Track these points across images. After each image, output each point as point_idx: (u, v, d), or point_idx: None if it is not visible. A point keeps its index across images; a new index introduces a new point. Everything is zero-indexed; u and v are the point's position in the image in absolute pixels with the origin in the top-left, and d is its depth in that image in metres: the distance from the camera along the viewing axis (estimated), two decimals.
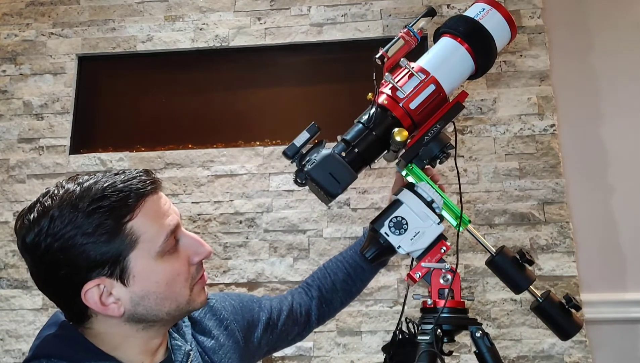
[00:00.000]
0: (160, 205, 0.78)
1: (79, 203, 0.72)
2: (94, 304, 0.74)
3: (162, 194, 0.81)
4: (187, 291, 0.80)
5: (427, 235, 0.95)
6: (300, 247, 2.10)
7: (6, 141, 2.29)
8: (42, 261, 0.74)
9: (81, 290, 0.73)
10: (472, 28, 0.99)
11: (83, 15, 2.41)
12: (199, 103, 2.34)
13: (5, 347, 2.09)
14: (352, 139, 0.96)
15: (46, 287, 0.77)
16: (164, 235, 0.76)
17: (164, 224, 0.77)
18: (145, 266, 0.75)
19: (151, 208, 0.77)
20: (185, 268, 0.79)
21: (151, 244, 0.75)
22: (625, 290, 2.11)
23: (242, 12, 2.36)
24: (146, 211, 0.76)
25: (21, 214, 0.76)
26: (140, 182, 0.77)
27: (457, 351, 1.94)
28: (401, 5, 2.30)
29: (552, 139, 2.13)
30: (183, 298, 0.80)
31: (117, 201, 0.74)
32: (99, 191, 0.73)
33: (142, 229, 0.75)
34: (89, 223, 0.72)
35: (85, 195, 0.73)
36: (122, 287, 0.75)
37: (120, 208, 0.74)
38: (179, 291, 0.79)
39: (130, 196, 0.75)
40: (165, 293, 0.77)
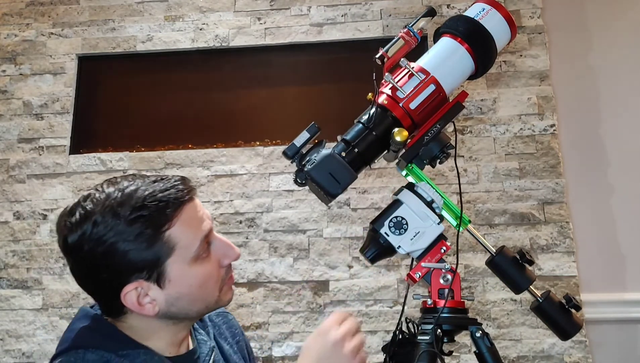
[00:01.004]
0: (196, 212, 0.82)
1: (120, 210, 0.76)
2: (131, 305, 0.78)
3: (197, 201, 0.84)
4: (217, 292, 0.84)
5: (427, 235, 0.95)
6: (300, 247, 2.10)
7: (6, 141, 2.29)
8: (84, 263, 0.78)
9: (120, 291, 0.77)
10: (472, 28, 0.99)
11: (83, 15, 2.41)
12: (199, 103, 2.34)
13: (5, 347, 2.09)
14: (352, 139, 0.96)
15: (85, 285, 0.82)
16: (199, 242, 0.80)
17: (199, 231, 0.81)
18: (180, 271, 0.79)
19: (187, 216, 0.80)
20: (216, 271, 0.83)
21: (187, 250, 0.79)
22: (625, 290, 2.11)
23: (242, 12, 2.36)
24: (183, 220, 0.79)
25: (62, 215, 0.80)
26: (177, 191, 0.80)
27: (457, 351, 1.94)
28: (401, 5, 2.30)
29: (552, 139, 2.13)
30: (212, 298, 0.84)
31: (156, 211, 0.77)
32: (139, 200, 0.77)
33: (179, 237, 0.78)
34: (130, 231, 0.75)
35: (126, 203, 0.76)
36: (158, 289, 0.79)
37: (159, 218, 0.77)
38: (209, 293, 0.83)
39: (168, 206, 0.78)
40: (196, 295, 0.82)
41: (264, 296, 2.07)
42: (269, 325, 2.04)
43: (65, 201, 2.20)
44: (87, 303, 0.88)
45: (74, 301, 2.11)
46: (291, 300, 2.06)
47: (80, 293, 2.11)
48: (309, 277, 2.07)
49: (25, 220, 2.20)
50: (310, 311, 2.05)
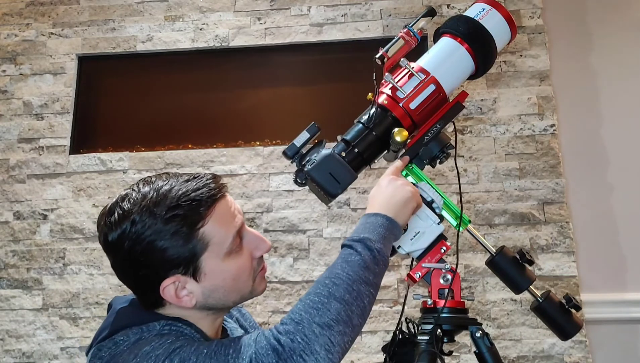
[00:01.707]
0: (228, 208, 0.85)
1: (157, 209, 0.80)
2: (170, 298, 0.82)
3: (229, 197, 0.87)
4: (251, 282, 0.87)
5: (427, 235, 0.95)
6: (300, 247, 2.10)
7: (6, 141, 2.29)
8: (124, 260, 0.82)
9: (159, 285, 0.81)
10: (472, 28, 0.99)
11: (83, 15, 2.41)
12: (198, 103, 2.34)
13: (5, 347, 2.09)
14: (352, 139, 0.96)
15: (126, 280, 0.85)
16: (231, 237, 0.83)
17: (231, 226, 0.84)
18: (215, 265, 0.83)
19: (220, 213, 0.83)
20: (249, 263, 0.86)
21: (220, 246, 0.82)
22: (625, 290, 2.11)
23: (242, 12, 2.36)
24: (215, 217, 0.82)
25: (102, 214, 0.85)
26: (210, 190, 0.83)
27: (457, 351, 1.94)
28: (401, 5, 2.30)
29: (552, 139, 2.13)
30: (247, 289, 0.87)
31: (190, 210, 0.81)
32: (174, 200, 0.81)
33: (213, 233, 0.82)
34: (167, 230, 0.79)
35: (161, 202, 0.80)
36: (194, 283, 0.82)
37: (193, 216, 0.81)
38: (243, 284, 0.86)
39: (201, 205, 0.81)
40: (231, 287, 0.85)
41: (264, 296, 2.07)
42: (269, 325, 2.04)
43: (65, 201, 2.21)
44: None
45: (74, 301, 2.11)
46: (291, 300, 2.06)
47: (80, 293, 2.11)
48: (309, 277, 2.07)
49: (25, 220, 2.20)
50: None
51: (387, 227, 0.86)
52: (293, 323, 0.72)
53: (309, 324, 0.71)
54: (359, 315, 0.76)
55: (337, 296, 0.74)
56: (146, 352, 0.74)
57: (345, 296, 0.75)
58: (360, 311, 0.76)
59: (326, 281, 0.77)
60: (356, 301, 0.76)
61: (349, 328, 0.75)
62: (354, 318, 0.75)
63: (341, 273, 0.78)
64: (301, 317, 0.72)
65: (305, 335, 0.71)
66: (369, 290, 0.79)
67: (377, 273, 0.82)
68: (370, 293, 0.79)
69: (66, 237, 2.17)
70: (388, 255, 0.85)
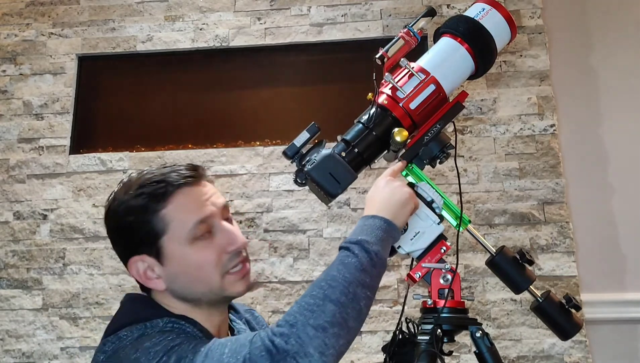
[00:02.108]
0: (197, 196, 0.87)
1: (130, 189, 0.87)
2: (136, 275, 0.87)
3: (206, 188, 0.89)
4: (218, 278, 0.86)
5: (427, 235, 0.95)
6: (300, 247, 2.10)
7: (6, 141, 2.29)
8: (110, 236, 0.91)
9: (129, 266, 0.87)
10: (472, 28, 0.99)
11: (83, 15, 2.41)
12: (198, 103, 2.34)
13: (5, 347, 2.09)
14: (352, 139, 0.96)
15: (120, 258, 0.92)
16: (192, 224, 0.85)
17: (194, 214, 0.85)
18: (176, 249, 0.85)
19: (185, 198, 0.86)
20: (214, 256, 0.86)
21: (181, 230, 0.85)
22: (625, 290, 2.11)
23: (242, 12, 2.36)
24: (179, 201, 0.86)
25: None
26: (179, 176, 0.87)
27: (457, 351, 1.94)
28: (401, 5, 2.30)
29: (552, 139, 2.13)
30: (215, 284, 0.86)
31: (155, 190, 0.86)
32: (145, 181, 0.87)
33: (173, 216, 0.85)
34: (133, 207, 0.85)
35: (135, 183, 0.87)
36: (160, 266, 0.86)
37: (157, 196, 0.85)
38: (208, 277, 0.86)
39: (167, 187, 0.86)
40: (194, 276, 0.86)
41: (264, 297, 2.07)
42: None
43: (65, 201, 2.20)
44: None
45: (74, 301, 2.11)
46: (291, 300, 2.06)
47: (80, 293, 2.11)
48: (309, 277, 2.07)
49: (25, 220, 2.20)
50: None
51: (385, 229, 0.85)
52: (288, 325, 0.72)
53: (303, 326, 0.71)
54: (355, 317, 0.76)
55: (333, 299, 0.74)
56: (146, 348, 0.76)
57: (341, 299, 0.74)
58: (356, 314, 0.76)
59: (322, 284, 0.76)
60: (352, 303, 0.75)
61: (344, 330, 0.74)
62: (350, 320, 0.75)
63: (337, 275, 0.77)
64: (296, 319, 0.72)
65: (299, 337, 0.71)
66: (365, 292, 0.78)
67: (374, 276, 0.81)
68: (366, 295, 0.78)
69: (66, 237, 2.17)
70: (386, 257, 0.84)
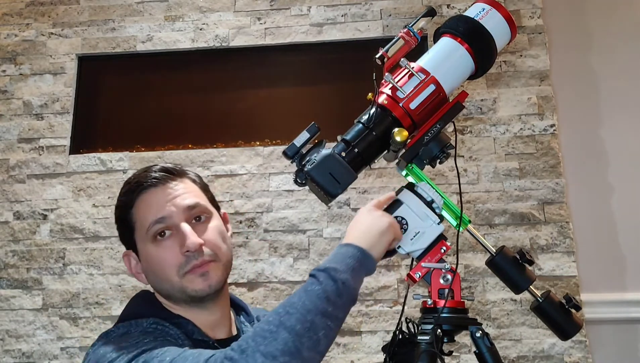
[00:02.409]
0: (159, 197, 0.92)
1: (123, 187, 0.96)
2: (128, 268, 0.96)
3: (171, 189, 0.93)
4: (176, 277, 0.89)
5: (427, 235, 0.95)
6: (300, 247, 2.10)
7: (6, 141, 2.29)
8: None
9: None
10: (472, 28, 0.99)
11: (83, 15, 2.41)
12: (199, 103, 2.34)
13: (5, 347, 2.09)
14: (352, 139, 0.96)
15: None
16: (148, 223, 0.90)
17: (152, 214, 0.90)
18: (143, 247, 0.92)
19: (147, 199, 0.92)
20: (172, 256, 0.89)
21: (142, 229, 0.91)
22: (625, 290, 2.11)
23: (242, 12, 2.36)
24: (142, 202, 0.92)
25: None
26: (145, 178, 0.93)
27: (457, 351, 1.94)
28: (401, 5, 2.30)
29: (552, 139, 2.13)
30: (175, 283, 0.90)
31: (127, 192, 0.94)
32: (127, 181, 0.96)
33: (138, 215, 0.92)
34: (118, 204, 0.95)
35: (125, 182, 0.97)
36: (139, 262, 0.94)
37: (128, 198, 0.94)
38: (167, 276, 0.90)
39: (133, 188, 0.93)
40: (157, 273, 0.91)
41: (264, 297, 2.07)
42: None
43: (65, 201, 2.21)
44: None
45: (74, 301, 2.11)
46: None
47: (80, 293, 2.11)
48: None
49: (25, 220, 2.20)
50: None
51: (357, 258, 0.82)
52: (239, 350, 0.71)
53: (253, 353, 0.69)
54: (311, 347, 0.72)
55: (287, 326, 0.71)
56: (123, 347, 0.79)
57: (296, 327, 0.71)
58: (312, 343, 0.72)
59: (280, 310, 0.74)
60: (308, 332, 0.72)
61: (297, 360, 0.70)
62: (304, 350, 0.71)
63: (297, 302, 0.74)
64: (247, 345, 0.71)
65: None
66: (326, 322, 0.74)
67: (339, 306, 0.77)
68: (327, 325, 0.74)
69: (66, 237, 2.17)
70: (355, 287, 0.80)
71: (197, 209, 0.93)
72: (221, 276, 0.92)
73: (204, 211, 0.94)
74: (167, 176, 0.94)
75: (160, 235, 0.90)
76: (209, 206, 0.97)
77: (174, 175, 0.95)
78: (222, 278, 0.93)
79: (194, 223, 0.92)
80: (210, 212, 0.96)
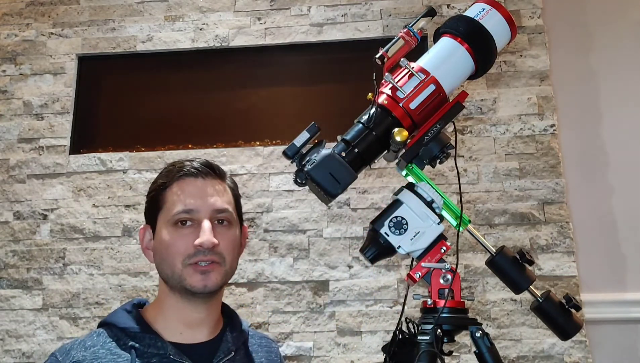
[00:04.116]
0: (194, 189, 0.97)
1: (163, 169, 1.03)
2: (140, 241, 1.01)
3: (206, 185, 0.98)
4: (180, 266, 0.93)
5: (427, 235, 0.95)
6: (300, 247, 2.10)
7: (6, 141, 2.29)
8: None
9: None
10: (472, 28, 0.99)
11: (83, 15, 2.41)
12: (199, 103, 2.34)
13: (5, 347, 2.09)
14: (352, 139, 0.96)
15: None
16: (176, 209, 0.94)
17: (182, 203, 0.95)
18: (162, 227, 0.96)
19: (183, 186, 0.97)
20: (184, 245, 0.93)
21: (168, 212, 0.96)
22: (625, 290, 2.11)
23: (242, 12, 2.36)
24: (178, 187, 0.97)
25: None
26: (185, 167, 0.98)
27: (457, 351, 1.94)
28: (401, 5, 2.30)
29: (552, 139, 2.13)
30: (177, 269, 0.93)
31: (166, 174, 1.00)
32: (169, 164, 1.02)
33: (170, 197, 0.96)
34: (155, 181, 1.01)
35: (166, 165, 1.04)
36: (153, 240, 0.98)
37: (166, 178, 0.99)
38: (171, 261, 0.94)
39: (174, 171, 0.99)
40: (164, 256, 0.95)
41: (264, 296, 2.07)
42: (269, 325, 2.04)
43: (65, 201, 2.21)
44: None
45: (74, 301, 2.11)
46: (291, 300, 2.06)
47: (80, 293, 2.11)
48: (309, 277, 2.07)
49: (25, 220, 2.20)
50: (310, 311, 2.05)
51: None
52: None
53: None
54: None
55: None
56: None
57: None
58: None
59: None
60: None
61: None
62: None
63: None
64: None
65: None
66: None
67: None
68: None
69: (66, 237, 2.17)
70: None
71: (224, 214, 0.97)
72: (220, 281, 0.95)
73: (229, 219, 0.98)
74: (210, 171, 0.99)
75: (182, 223, 0.94)
76: (234, 215, 1.01)
77: (215, 174, 1.00)
78: (220, 283, 0.96)
79: (216, 224, 0.96)
80: (234, 221, 1.00)
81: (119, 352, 0.90)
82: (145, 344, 0.91)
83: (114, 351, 0.91)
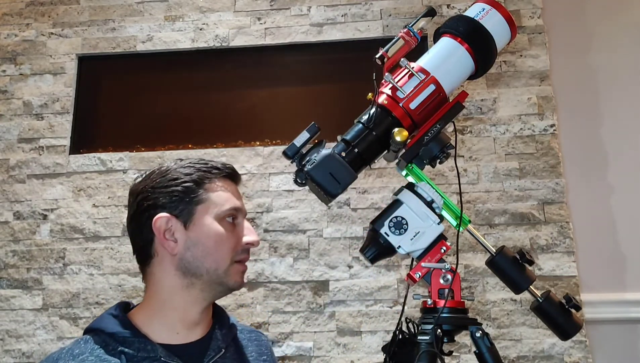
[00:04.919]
0: (235, 189, 1.00)
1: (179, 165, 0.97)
2: (157, 232, 0.92)
3: (238, 187, 1.02)
4: (228, 260, 0.94)
5: (427, 235, 0.95)
6: (300, 247, 2.10)
7: (6, 141, 2.29)
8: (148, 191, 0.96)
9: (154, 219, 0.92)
10: (472, 28, 0.99)
11: (83, 15, 2.41)
12: (199, 103, 2.34)
13: (5, 347, 2.09)
14: (352, 139, 0.96)
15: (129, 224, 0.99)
16: (228, 206, 0.95)
17: (233, 200, 0.97)
18: (205, 219, 0.93)
19: (227, 185, 0.98)
20: (233, 240, 0.95)
21: (216, 207, 0.94)
22: (625, 290, 2.11)
23: (242, 12, 2.36)
24: (224, 185, 0.97)
25: None
26: (221, 165, 0.99)
27: (457, 351, 1.94)
28: (401, 5, 2.30)
29: (552, 139, 2.13)
30: (223, 264, 0.93)
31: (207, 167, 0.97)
32: (195, 161, 0.98)
33: (216, 193, 0.95)
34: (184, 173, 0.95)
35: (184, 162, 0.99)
36: (182, 231, 0.93)
37: (206, 172, 0.96)
38: (221, 254, 0.93)
39: (216, 168, 0.98)
40: (210, 249, 0.93)
41: (264, 296, 2.07)
42: (269, 325, 2.04)
43: (65, 201, 2.21)
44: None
45: (74, 301, 2.11)
46: (291, 300, 2.06)
47: (80, 293, 2.11)
48: (309, 277, 2.07)
49: (25, 220, 2.20)
50: (310, 311, 2.05)
51: None
52: None
53: None
54: None
55: None
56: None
57: None
58: None
59: None
60: None
61: None
62: None
63: None
64: None
65: None
66: None
67: None
68: None
69: (66, 237, 2.17)
70: None
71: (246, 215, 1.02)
72: None
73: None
74: (238, 177, 1.03)
75: (232, 219, 0.96)
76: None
77: (239, 180, 1.04)
78: None
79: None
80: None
81: (109, 358, 0.89)
82: (135, 348, 0.90)
83: (103, 357, 0.89)
